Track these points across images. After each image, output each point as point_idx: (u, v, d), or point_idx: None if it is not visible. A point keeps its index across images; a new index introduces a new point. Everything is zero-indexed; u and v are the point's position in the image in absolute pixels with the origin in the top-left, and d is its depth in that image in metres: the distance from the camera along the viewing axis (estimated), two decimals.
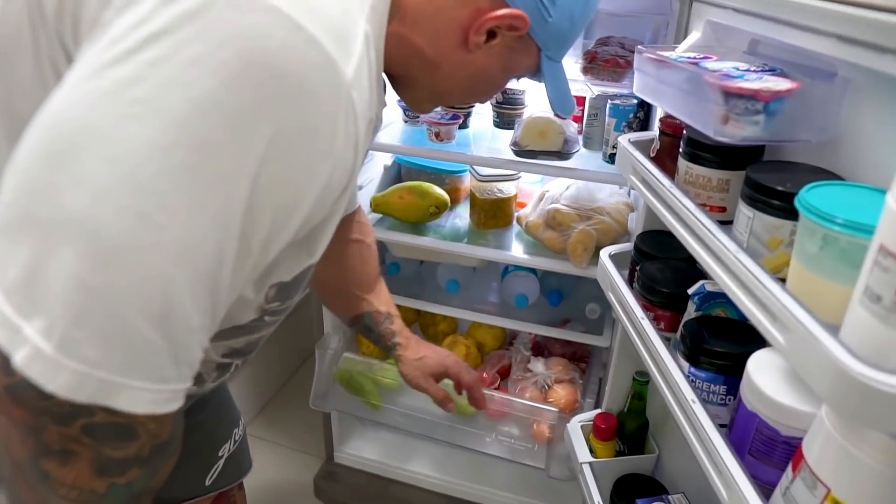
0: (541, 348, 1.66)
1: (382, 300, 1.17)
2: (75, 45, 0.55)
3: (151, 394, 0.52)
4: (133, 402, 0.51)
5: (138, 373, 0.51)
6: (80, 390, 0.48)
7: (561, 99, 0.83)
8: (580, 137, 1.42)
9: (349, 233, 1.12)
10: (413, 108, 0.84)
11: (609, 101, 1.31)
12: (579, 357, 1.61)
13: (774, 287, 0.57)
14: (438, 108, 1.55)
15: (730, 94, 0.68)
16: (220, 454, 1.05)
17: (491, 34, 0.70)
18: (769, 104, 0.67)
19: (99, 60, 0.49)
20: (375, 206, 1.56)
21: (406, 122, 1.59)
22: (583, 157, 1.38)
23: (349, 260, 1.12)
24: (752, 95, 0.67)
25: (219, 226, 0.51)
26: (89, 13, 0.54)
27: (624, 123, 1.29)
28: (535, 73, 0.80)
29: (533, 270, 1.58)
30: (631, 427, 1.17)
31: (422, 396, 1.20)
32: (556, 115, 0.90)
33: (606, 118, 1.32)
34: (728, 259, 0.64)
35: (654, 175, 0.82)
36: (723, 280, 0.65)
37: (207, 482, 1.05)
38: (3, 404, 0.50)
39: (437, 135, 1.44)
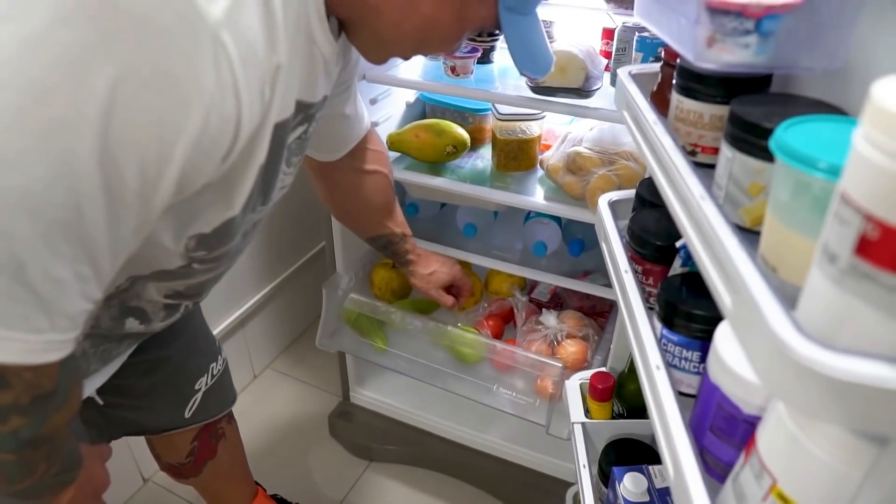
0: (560, 300, 1.57)
1: (398, 222, 1.26)
2: None
3: (19, 343, 0.51)
4: None
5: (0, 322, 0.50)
6: None
7: (524, 57, 0.74)
8: (607, 74, 1.30)
9: (362, 163, 1.13)
10: (365, 56, 0.76)
11: (637, 34, 1.18)
12: (598, 312, 1.52)
13: (729, 239, 0.48)
14: None
15: (714, 10, 0.57)
16: (196, 387, 1.05)
17: None
18: (761, 22, 0.56)
19: None
20: (391, 143, 1.48)
21: (427, 55, 1.49)
22: (608, 96, 1.26)
23: (365, 191, 1.17)
24: (739, 11, 0.55)
25: (66, 174, 0.47)
26: None
27: (652, 58, 1.16)
28: (497, 26, 0.72)
29: (556, 218, 1.49)
30: (631, 389, 1.08)
31: (428, 343, 1.33)
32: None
33: (633, 53, 1.19)
34: (691, 205, 0.54)
35: (640, 109, 0.72)
36: (686, 230, 0.56)
37: (187, 414, 1.06)
38: None
39: (453, 69, 1.35)
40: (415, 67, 1.47)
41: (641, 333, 0.69)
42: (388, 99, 1.55)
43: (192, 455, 1.10)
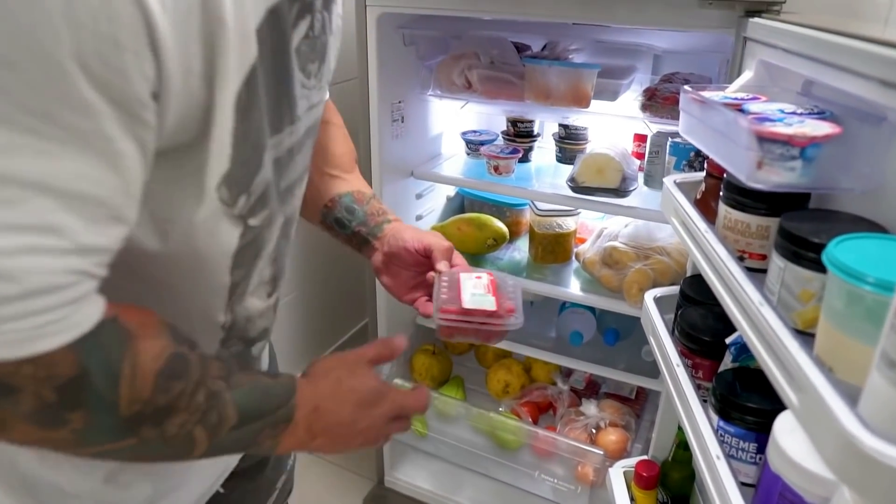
0: (595, 387, 1.61)
1: (364, 184, 0.94)
2: None
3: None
4: None
5: None
6: None
7: None
8: (640, 175, 1.39)
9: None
10: None
11: (670, 139, 1.28)
12: (633, 399, 1.56)
13: (791, 343, 0.54)
14: (499, 142, 1.56)
15: (763, 139, 0.65)
16: (277, 486, 1.04)
17: None
18: (806, 150, 0.64)
19: None
20: None
21: (468, 154, 1.61)
22: (642, 196, 1.35)
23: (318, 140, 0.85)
24: (786, 141, 0.64)
25: None
26: None
27: (684, 162, 1.26)
28: None
29: (590, 308, 1.55)
30: (675, 478, 1.11)
31: (468, 429, 1.26)
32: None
33: (667, 156, 1.29)
34: (750, 310, 0.61)
35: (690, 218, 0.79)
36: (745, 331, 0.62)
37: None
38: None
39: (496, 168, 1.45)
40: (457, 165, 1.58)
41: (699, 425, 0.74)
42: (431, 194, 1.65)
43: None
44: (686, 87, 0.86)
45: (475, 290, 0.81)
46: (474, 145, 1.56)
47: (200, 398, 0.55)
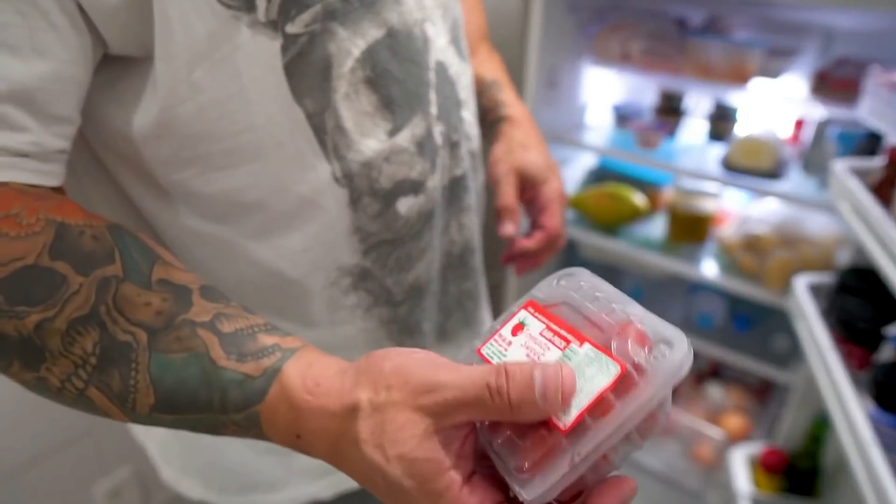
0: (717, 371, 1.60)
1: (488, 67, 0.76)
2: None
3: None
4: None
5: None
6: None
7: None
8: (797, 161, 1.35)
9: None
10: None
11: (835, 126, 1.23)
12: (756, 388, 1.54)
13: None
14: (648, 117, 1.55)
15: None
16: None
17: None
18: None
19: None
20: (572, 204, 1.59)
21: (614, 126, 1.60)
22: (795, 182, 1.31)
23: None
24: None
25: None
26: None
27: (849, 151, 1.21)
28: None
29: (722, 292, 1.53)
30: (801, 467, 1.10)
31: None
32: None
33: (829, 143, 1.24)
34: None
35: (865, 204, 0.78)
36: None
37: None
38: None
39: (646, 141, 1.44)
40: (602, 136, 1.59)
41: (851, 411, 0.74)
42: (572, 163, 1.67)
43: None
44: (875, 71, 0.84)
45: None
46: (623, 117, 1.56)
47: (87, 345, 0.38)
